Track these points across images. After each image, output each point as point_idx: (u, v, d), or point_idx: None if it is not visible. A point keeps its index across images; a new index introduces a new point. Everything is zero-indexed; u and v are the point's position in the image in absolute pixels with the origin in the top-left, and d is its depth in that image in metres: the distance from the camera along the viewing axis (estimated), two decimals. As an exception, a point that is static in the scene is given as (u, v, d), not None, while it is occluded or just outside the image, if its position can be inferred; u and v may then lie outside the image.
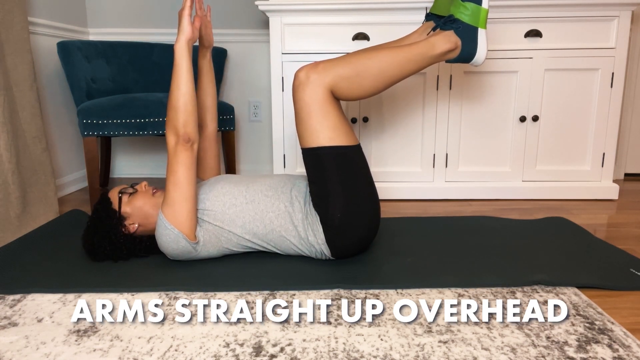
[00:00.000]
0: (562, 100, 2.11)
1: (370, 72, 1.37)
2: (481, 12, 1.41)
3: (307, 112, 1.33)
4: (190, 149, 1.31)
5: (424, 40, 1.44)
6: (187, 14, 1.31)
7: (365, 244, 1.42)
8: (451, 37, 1.42)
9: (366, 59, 1.38)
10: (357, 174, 1.37)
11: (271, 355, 0.97)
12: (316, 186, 1.36)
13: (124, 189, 1.43)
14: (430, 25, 1.54)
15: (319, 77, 1.31)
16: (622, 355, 0.96)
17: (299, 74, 1.33)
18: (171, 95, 1.30)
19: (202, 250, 1.37)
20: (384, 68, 1.38)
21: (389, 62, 1.38)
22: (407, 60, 1.40)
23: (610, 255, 1.45)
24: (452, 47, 1.43)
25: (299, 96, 1.33)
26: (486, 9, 1.41)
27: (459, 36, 1.43)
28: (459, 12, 1.42)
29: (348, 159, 1.35)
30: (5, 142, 1.63)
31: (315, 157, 1.35)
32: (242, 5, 2.59)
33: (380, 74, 1.38)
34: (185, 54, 1.31)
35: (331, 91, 1.34)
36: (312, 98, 1.32)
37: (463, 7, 1.41)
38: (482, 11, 1.41)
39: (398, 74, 1.40)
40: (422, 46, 1.41)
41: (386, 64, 1.38)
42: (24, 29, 1.77)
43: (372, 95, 1.42)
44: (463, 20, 1.41)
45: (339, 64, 1.35)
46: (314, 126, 1.33)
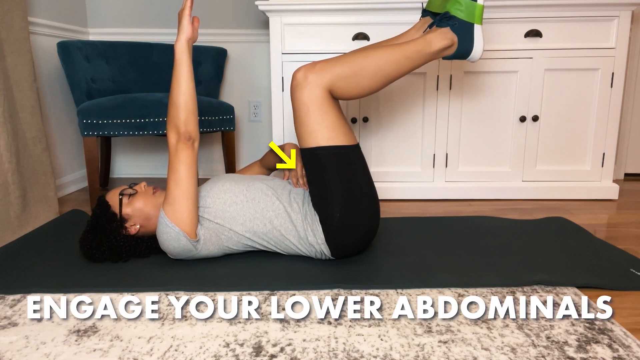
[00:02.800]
0: (562, 100, 2.11)
1: (367, 70, 1.37)
2: (476, 8, 1.41)
3: (305, 113, 1.33)
4: (191, 147, 1.32)
5: (421, 37, 1.44)
6: (187, 14, 1.32)
7: (365, 244, 1.42)
8: (447, 34, 1.43)
9: (363, 58, 1.38)
10: (356, 174, 1.37)
11: (271, 355, 0.97)
12: (315, 186, 1.37)
13: (123, 190, 1.43)
14: (427, 22, 1.54)
15: (317, 77, 1.32)
16: (622, 355, 0.96)
17: (296, 74, 1.33)
18: (172, 94, 1.31)
19: (202, 249, 1.37)
20: (381, 66, 1.38)
21: (386, 61, 1.39)
22: (405, 58, 1.40)
23: (610, 255, 1.45)
24: (449, 44, 1.43)
25: (297, 96, 1.33)
26: (481, 5, 1.42)
27: (455, 33, 1.43)
28: (454, 8, 1.42)
29: (347, 159, 1.35)
30: (5, 142, 1.63)
31: (314, 157, 1.35)
32: (242, 5, 2.59)
33: (377, 72, 1.38)
34: (186, 53, 1.31)
35: (329, 91, 1.34)
36: (310, 98, 1.32)
37: (458, 4, 1.41)
38: (477, 7, 1.41)
39: (395, 72, 1.41)
40: (418, 44, 1.42)
41: (383, 62, 1.38)
42: (24, 29, 1.77)
43: (370, 93, 1.42)
44: (459, 16, 1.42)
45: (337, 64, 1.35)
46: (313, 126, 1.33)
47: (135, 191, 1.44)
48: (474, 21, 1.42)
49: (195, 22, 1.35)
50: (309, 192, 1.41)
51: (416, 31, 1.55)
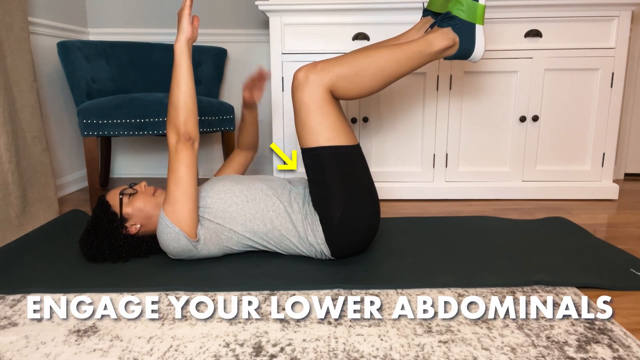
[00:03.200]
0: (562, 100, 2.11)
1: (368, 70, 1.37)
2: (478, 8, 1.41)
3: (306, 112, 1.33)
4: (191, 148, 1.32)
5: (422, 37, 1.44)
6: (187, 14, 1.31)
7: (365, 244, 1.42)
8: (449, 34, 1.43)
9: (364, 58, 1.38)
10: (357, 174, 1.37)
11: (271, 355, 0.97)
12: (316, 186, 1.37)
13: (124, 190, 1.43)
14: (428, 22, 1.54)
15: (318, 77, 1.32)
16: (622, 355, 0.96)
17: (297, 74, 1.33)
18: (172, 94, 1.31)
19: (202, 249, 1.37)
20: (382, 66, 1.38)
21: (388, 61, 1.39)
22: (406, 58, 1.40)
23: (610, 255, 1.45)
24: (450, 44, 1.43)
25: (298, 96, 1.33)
26: (483, 5, 1.42)
27: (457, 33, 1.43)
28: (455, 8, 1.42)
29: (348, 159, 1.35)
30: (5, 142, 1.63)
31: (315, 157, 1.35)
32: (242, 5, 2.59)
33: (378, 72, 1.38)
34: (186, 53, 1.31)
35: (330, 91, 1.34)
36: (311, 98, 1.32)
37: (460, 4, 1.42)
38: (479, 7, 1.41)
39: (397, 72, 1.41)
40: (420, 44, 1.42)
41: (385, 62, 1.38)
42: (24, 29, 1.77)
43: (371, 93, 1.42)
44: (460, 16, 1.42)
45: (338, 64, 1.35)
46: (314, 126, 1.33)
47: (135, 191, 1.44)
48: (475, 21, 1.42)
49: (195, 22, 1.34)
50: (309, 192, 1.41)
51: (417, 31, 1.56)
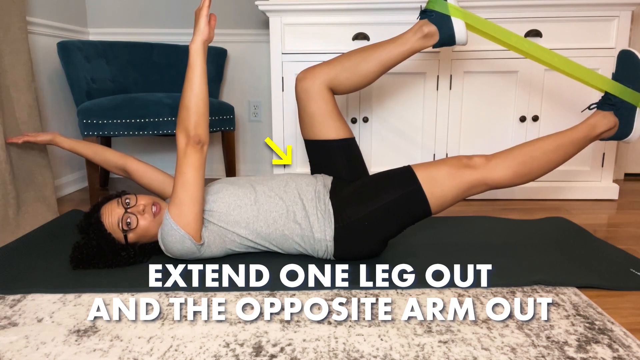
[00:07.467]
0: (562, 100, 2.11)
1: (539, 161, 1.42)
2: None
3: None
4: (200, 151, 1.30)
5: (584, 123, 1.46)
6: (205, 14, 1.27)
7: (368, 255, 1.42)
8: (610, 118, 1.46)
9: (533, 151, 1.42)
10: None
11: (271, 355, 0.97)
12: (362, 182, 1.43)
13: (124, 218, 1.36)
14: (424, 24, 1.49)
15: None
16: (622, 355, 0.96)
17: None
18: (184, 96, 1.28)
19: (206, 251, 1.37)
20: (551, 157, 1.43)
21: (555, 151, 1.43)
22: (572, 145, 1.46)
23: (610, 255, 1.45)
24: (611, 127, 1.46)
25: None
26: None
27: (617, 117, 1.46)
28: (619, 92, 1.44)
29: (417, 199, 1.36)
30: (2, 143, 1.63)
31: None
32: (242, 5, 2.59)
33: (548, 162, 1.43)
34: (201, 55, 1.28)
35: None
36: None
37: (624, 90, 1.44)
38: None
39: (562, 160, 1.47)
40: (583, 130, 1.45)
41: (553, 153, 1.43)
42: (22, 29, 1.76)
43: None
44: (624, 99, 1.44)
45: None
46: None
47: (135, 218, 1.37)
48: (638, 105, 1.44)
49: (212, 21, 1.30)
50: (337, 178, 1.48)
51: (413, 34, 1.50)
